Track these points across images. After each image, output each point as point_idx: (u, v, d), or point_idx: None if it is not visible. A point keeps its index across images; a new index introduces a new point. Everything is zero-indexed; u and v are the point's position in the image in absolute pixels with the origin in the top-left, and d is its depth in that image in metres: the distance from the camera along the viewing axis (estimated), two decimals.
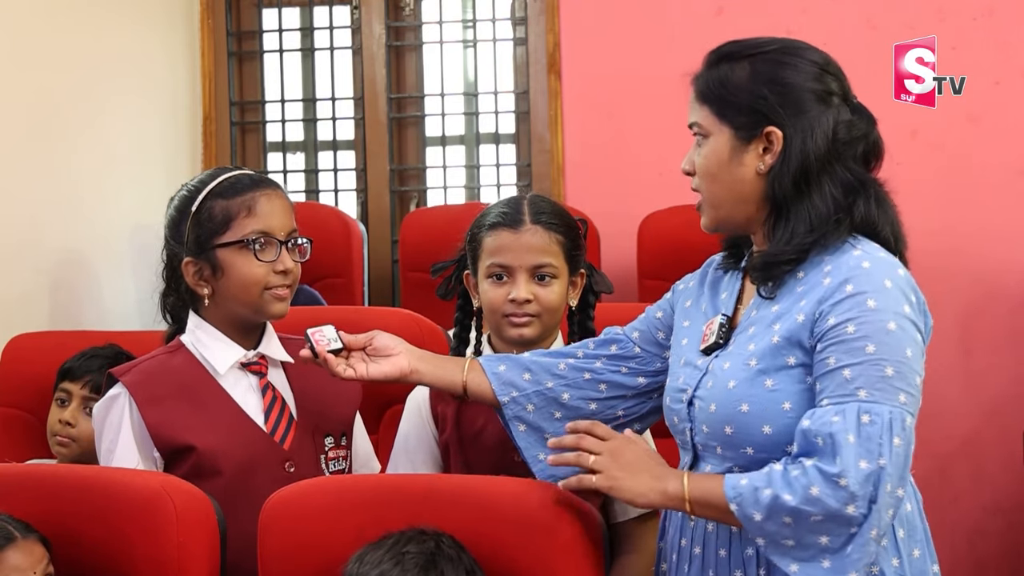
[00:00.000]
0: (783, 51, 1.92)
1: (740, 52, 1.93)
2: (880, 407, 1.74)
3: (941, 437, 4.07)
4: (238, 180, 2.24)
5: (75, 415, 2.68)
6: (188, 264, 2.23)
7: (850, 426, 1.73)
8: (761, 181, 1.90)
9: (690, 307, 2.07)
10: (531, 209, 2.28)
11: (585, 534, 1.93)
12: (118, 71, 4.03)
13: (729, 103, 1.90)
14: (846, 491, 1.71)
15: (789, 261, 1.87)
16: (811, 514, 1.72)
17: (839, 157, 1.89)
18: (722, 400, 1.88)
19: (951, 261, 4.06)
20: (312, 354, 2.09)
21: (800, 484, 1.73)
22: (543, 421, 2.10)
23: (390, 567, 1.81)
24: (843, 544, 1.73)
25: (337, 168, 4.70)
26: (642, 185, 4.23)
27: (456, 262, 2.40)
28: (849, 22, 4.14)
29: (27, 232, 3.50)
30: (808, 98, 1.89)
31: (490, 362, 2.14)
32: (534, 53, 4.46)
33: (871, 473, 1.72)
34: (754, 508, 1.76)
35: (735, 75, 1.90)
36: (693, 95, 1.95)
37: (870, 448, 1.72)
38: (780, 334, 1.85)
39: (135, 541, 1.97)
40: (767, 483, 1.76)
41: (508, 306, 2.25)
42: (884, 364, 1.76)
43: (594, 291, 2.38)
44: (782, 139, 1.87)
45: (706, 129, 1.92)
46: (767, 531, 1.76)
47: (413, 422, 2.36)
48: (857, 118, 1.93)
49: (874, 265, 1.83)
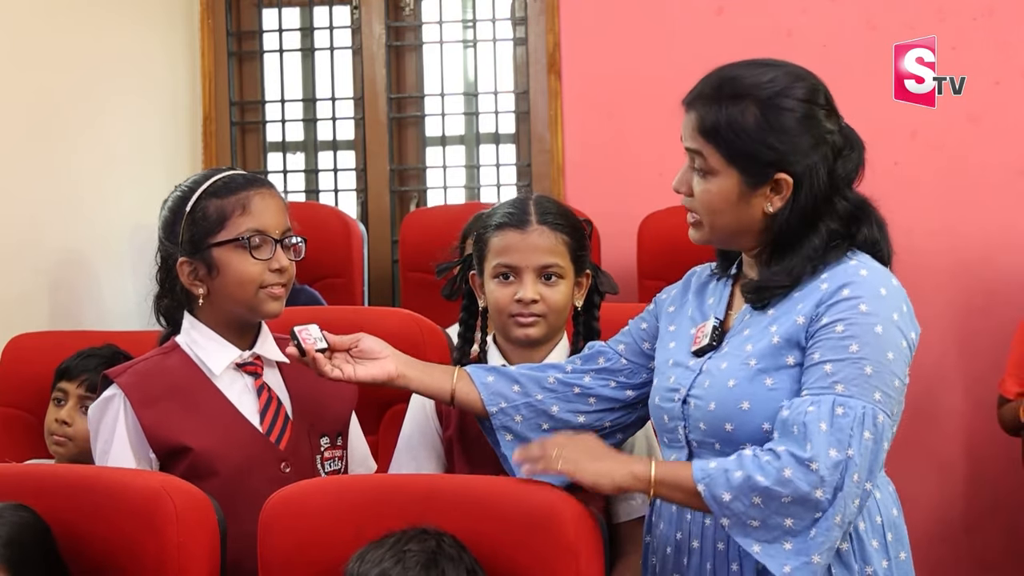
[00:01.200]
0: (783, 94, 1.91)
1: (743, 93, 1.91)
2: (854, 401, 1.82)
3: (941, 437, 4.07)
4: (232, 179, 2.24)
5: (72, 414, 2.69)
6: (183, 264, 2.22)
7: (823, 416, 1.81)
8: (766, 219, 1.94)
9: (674, 312, 2.12)
10: (537, 209, 2.29)
11: (585, 534, 1.93)
12: (118, 71, 4.03)
13: (739, 150, 1.91)
14: (816, 475, 1.78)
15: (783, 287, 1.94)
16: (782, 495, 1.79)
17: (837, 190, 1.94)
18: (722, 398, 1.93)
19: (951, 261, 4.06)
20: (299, 352, 2.09)
21: (773, 467, 1.80)
22: (531, 432, 2.14)
23: (391, 565, 1.81)
24: (807, 527, 1.80)
25: (337, 168, 4.70)
26: (642, 185, 4.22)
27: (461, 262, 2.40)
28: (849, 22, 4.13)
29: (27, 232, 3.50)
30: (815, 143, 1.92)
31: (479, 372, 2.17)
32: (534, 53, 4.46)
33: (839, 462, 1.79)
34: (724, 488, 1.82)
35: (745, 120, 1.90)
36: (694, 124, 1.94)
37: (840, 438, 1.80)
38: (780, 335, 1.91)
39: (135, 541, 1.97)
40: (738, 466, 1.82)
41: (514, 306, 2.25)
42: (864, 363, 1.83)
43: (599, 292, 2.39)
44: (792, 185, 1.91)
45: (712, 167, 1.93)
46: (734, 510, 1.82)
47: (417, 420, 2.36)
48: (849, 148, 1.96)
49: (871, 274, 1.90)
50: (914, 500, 3.85)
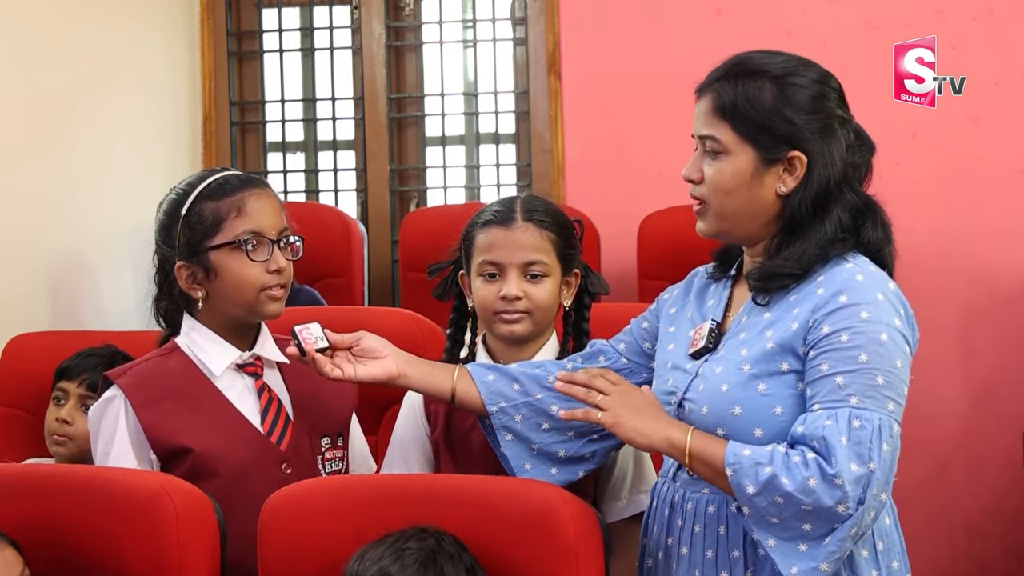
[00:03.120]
0: (799, 72, 1.92)
1: (759, 70, 1.92)
2: (870, 414, 1.80)
3: (941, 437, 4.07)
4: (227, 181, 2.23)
5: (72, 413, 2.69)
6: (181, 268, 2.22)
7: (842, 429, 1.79)
8: (778, 201, 1.93)
9: (675, 314, 2.11)
10: (523, 207, 2.29)
11: (585, 534, 1.93)
12: (118, 71, 4.03)
13: (755, 124, 1.90)
14: (840, 490, 1.77)
15: (793, 276, 1.91)
16: (803, 503, 1.78)
17: (848, 181, 1.93)
18: (715, 403, 1.92)
19: (951, 261, 4.06)
20: (299, 352, 2.09)
21: (800, 473, 1.78)
22: (530, 431, 2.13)
23: (389, 563, 1.81)
24: (823, 535, 1.79)
25: (337, 168, 4.70)
26: (642, 185, 4.22)
27: (452, 263, 2.40)
28: (849, 22, 4.13)
29: (27, 232, 3.50)
30: (831, 123, 1.92)
31: (479, 371, 2.16)
32: (534, 53, 4.46)
33: (861, 476, 1.78)
34: (749, 480, 1.80)
35: (762, 96, 1.90)
36: (707, 107, 1.94)
37: (860, 452, 1.78)
38: (774, 340, 1.89)
39: (135, 541, 1.97)
40: (768, 460, 1.80)
41: (499, 303, 2.25)
42: (875, 373, 1.82)
43: (590, 292, 2.38)
44: (806, 164, 1.90)
45: (725, 146, 1.92)
46: (756, 504, 1.81)
47: (408, 421, 2.36)
48: (859, 142, 1.96)
49: (867, 278, 1.88)
50: (914, 500, 3.87)
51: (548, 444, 2.12)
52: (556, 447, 2.12)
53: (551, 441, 2.12)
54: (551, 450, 2.12)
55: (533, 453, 2.12)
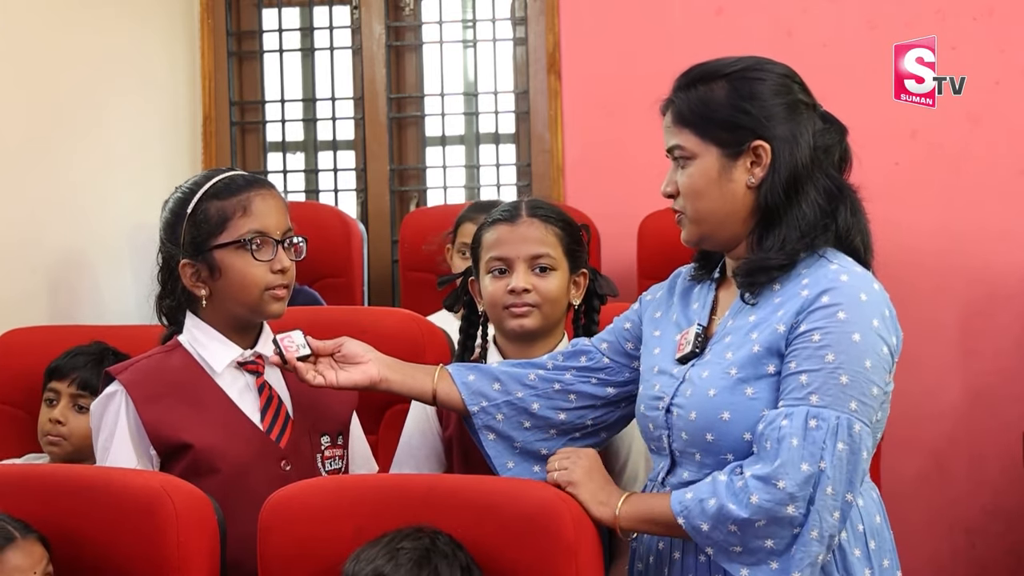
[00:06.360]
0: (754, 68, 1.95)
1: (712, 73, 1.96)
2: (828, 412, 1.80)
3: (941, 437, 4.07)
4: (232, 181, 2.25)
5: (65, 413, 2.68)
6: (185, 266, 2.23)
7: (796, 430, 1.80)
8: (752, 194, 1.94)
9: (660, 317, 2.11)
10: (528, 205, 2.35)
11: (585, 534, 1.93)
12: (118, 71, 4.03)
13: (712, 122, 1.93)
14: (783, 492, 1.77)
15: (780, 267, 1.91)
16: (755, 521, 1.79)
17: (819, 165, 1.94)
18: (703, 408, 1.92)
19: (951, 261, 4.06)
20: (282, 360, 2.10)
21: (744, 494, 1.79)
22: (512, 430, 2.14)
23: (384, 562, 1.82)
24: (787, 545, 1.80)
25: (337, 168, 4.70)
26: (642, 185, 4.19)
27: (462, 274, 2.44)
28: (849, 22, 4.13)
29: (27, 231, 3.50)
30: (787, 109, 1.93)
31: (460, 371, 2.17)
32: (534, 53, 4.46)
33: (810, 476, 1.78)
34: (701, 519, 1.82)
35: (715, 95, 1.93)
36: (669, 120, 1.98)
37: (812, 451, 1.78)
38: (760, 343, 1.89)
39: (135, 541, 1.97)
40: (711, 493, 1.82)
41: (508, 297, 2.27)
42: (840, 372, 1.82)
43: (598, 294, 2.40)
44: (770, 151, 1.91)
45: (690, 151, 1.95)
46: (715, 539, 1.82)
47: (418, 420, 2.38)
48: (828, 127, 1.97)
49: (851, 279, 1.88)
50: (914, 500, 3.87)
51: (530, 442, 2.14)
52: (538, 445, 2.14)
53: (533, 439, 2.14)
54: (533, 448, 2.14)
55: (516, 451, 2.14)
